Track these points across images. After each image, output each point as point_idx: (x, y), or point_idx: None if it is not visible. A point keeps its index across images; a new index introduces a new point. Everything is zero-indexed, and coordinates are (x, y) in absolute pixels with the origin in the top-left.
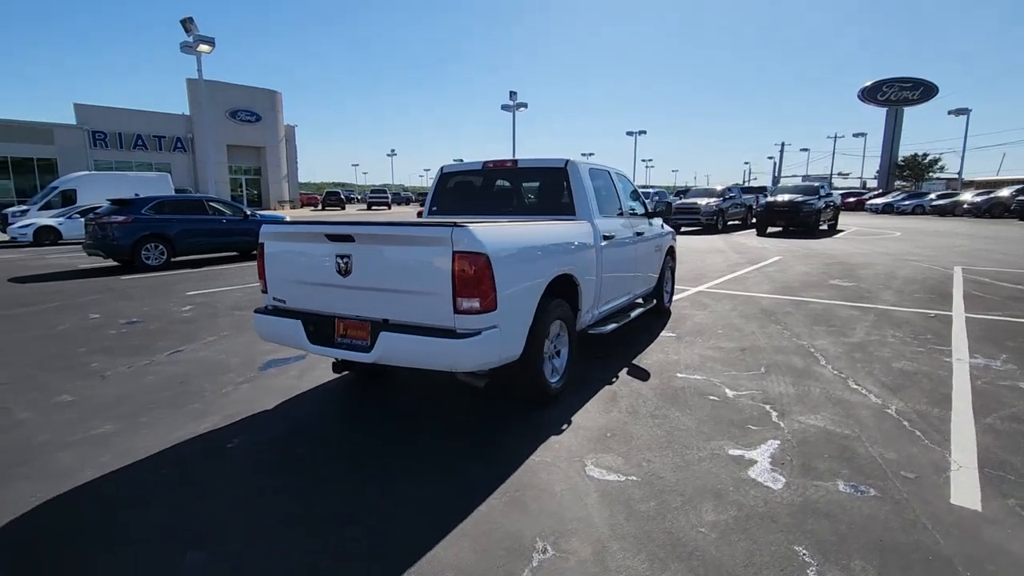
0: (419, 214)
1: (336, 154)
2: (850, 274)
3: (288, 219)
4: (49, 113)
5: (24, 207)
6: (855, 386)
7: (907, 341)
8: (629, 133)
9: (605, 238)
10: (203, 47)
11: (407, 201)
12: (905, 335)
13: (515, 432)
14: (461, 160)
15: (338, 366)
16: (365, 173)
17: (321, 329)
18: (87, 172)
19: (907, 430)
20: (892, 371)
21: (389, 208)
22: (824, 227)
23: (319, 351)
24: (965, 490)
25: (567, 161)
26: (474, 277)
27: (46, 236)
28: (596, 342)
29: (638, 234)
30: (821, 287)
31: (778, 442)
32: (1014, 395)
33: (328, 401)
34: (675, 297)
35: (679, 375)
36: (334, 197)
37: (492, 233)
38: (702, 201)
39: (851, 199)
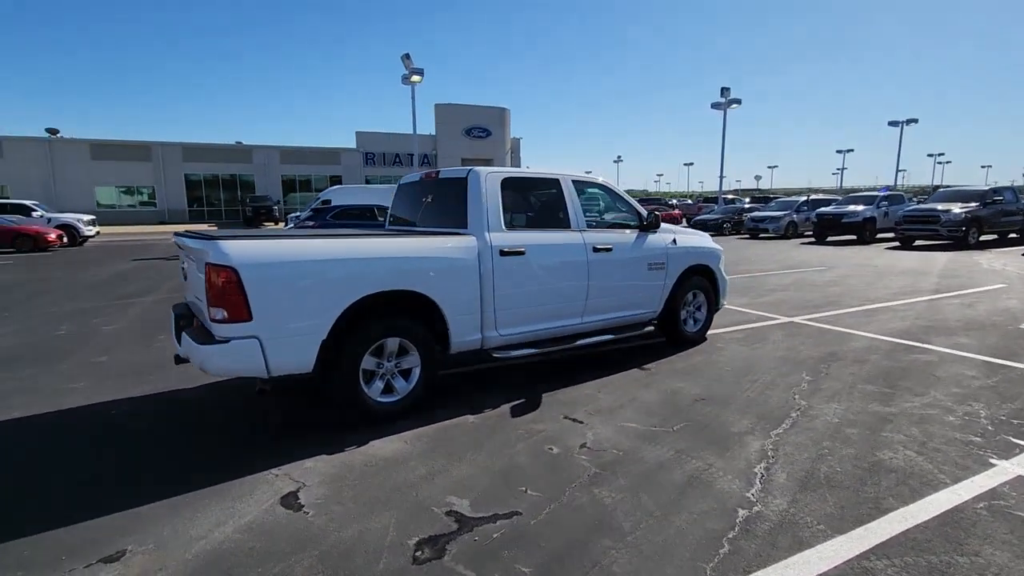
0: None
1: (567, 162)
2: None
3: None
4: (331, 140)
5: (299, 213)
6: (758, 471)
7: (973, 421)
8: (892, 123)
9: (507, 253)
10: (415, 77)
11: None
12: (991, 413)
13: (300, 445)
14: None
15: (177, 358)
16: None
17: (189, 324)
18: (339, 186)
19: (709, 542)
20: (862, 461)
21: None
22: None
23: (175, 343)
24: None
25: (469, 171)
26: (222, 288)
27: None
28: (533, 368)
29: (599, 249)
30: (992, 331)
31: (519, 516)
32: (1004, 530)
33: (223, 392)
34: (755, 325)
35: (564, 417)
36: None
37: (250, 247)
38: (945, 207)
39: None
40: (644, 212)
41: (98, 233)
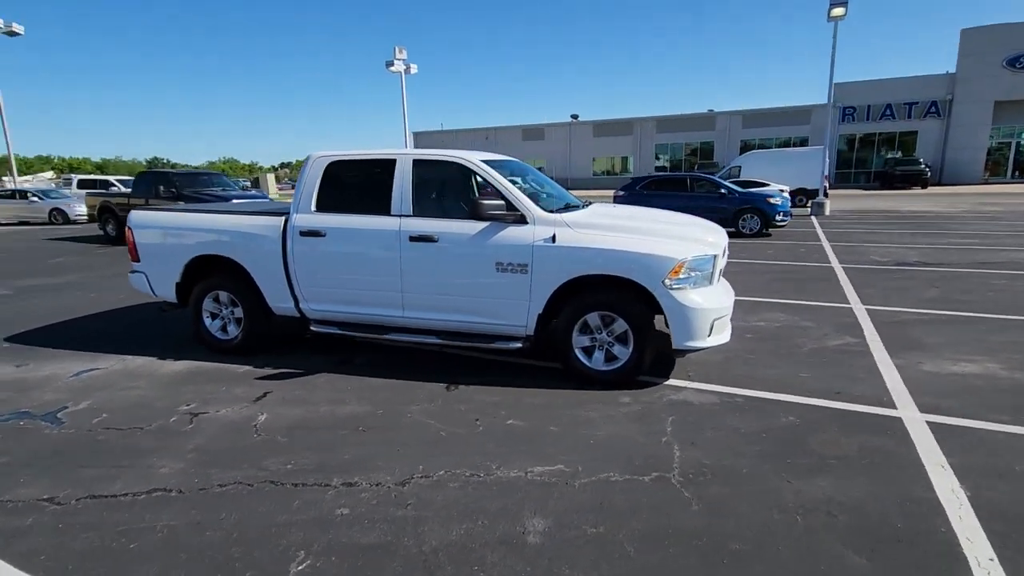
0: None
1: None
2: None
3: (783, 197)
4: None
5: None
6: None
7: None
8: None
9: (307, 234)
10: (836, 11)
11: None
12: None
13: (161, 350)
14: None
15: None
16: None
17: None
18: (753, 152)
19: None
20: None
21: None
22: None
23: None
24: None
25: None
26: (129, 240)
27: None
28: (389, 351)
29: (417, 238)
30: None
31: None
32: None
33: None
34: (800, 400)
35: (263, 392)
36: None
37: (143, 216)
38: None
39: None
40: (506, 200)
41: None
